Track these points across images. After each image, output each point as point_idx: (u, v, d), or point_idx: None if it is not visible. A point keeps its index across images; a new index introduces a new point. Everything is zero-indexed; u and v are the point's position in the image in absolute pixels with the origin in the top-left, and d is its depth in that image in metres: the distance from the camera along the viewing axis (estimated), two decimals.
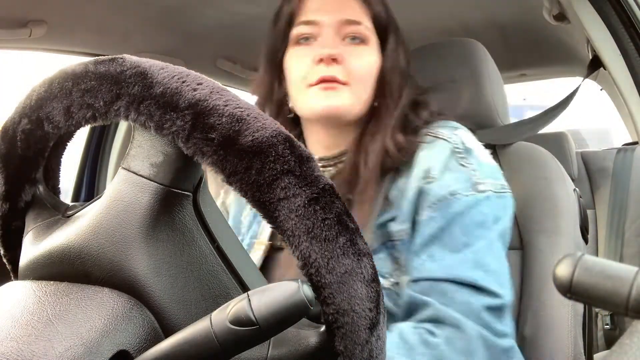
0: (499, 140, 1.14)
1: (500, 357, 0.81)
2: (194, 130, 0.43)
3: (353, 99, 0.91)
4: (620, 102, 1.63)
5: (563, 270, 0.36)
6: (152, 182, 0.46)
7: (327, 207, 0.43)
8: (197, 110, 0.44)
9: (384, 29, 0.94)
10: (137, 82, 0.45)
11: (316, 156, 0.97)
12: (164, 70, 0.46)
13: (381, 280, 0.83)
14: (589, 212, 1.53)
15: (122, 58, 0.47)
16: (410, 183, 0.88)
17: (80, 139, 1.86)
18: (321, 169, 0.91)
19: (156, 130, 0.45)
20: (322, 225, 0.43)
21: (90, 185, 1.87)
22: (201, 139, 0.43)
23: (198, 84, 0.45)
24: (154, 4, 1.39)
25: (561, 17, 1.19)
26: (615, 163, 1.64)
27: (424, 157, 0.89)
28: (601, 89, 1.87)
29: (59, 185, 0.58)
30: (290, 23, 0.95)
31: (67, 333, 0.41)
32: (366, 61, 0.92)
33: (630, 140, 1.85)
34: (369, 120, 0.94)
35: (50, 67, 0.52)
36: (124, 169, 0.47)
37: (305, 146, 0.91)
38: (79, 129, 0.51)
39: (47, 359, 0.39)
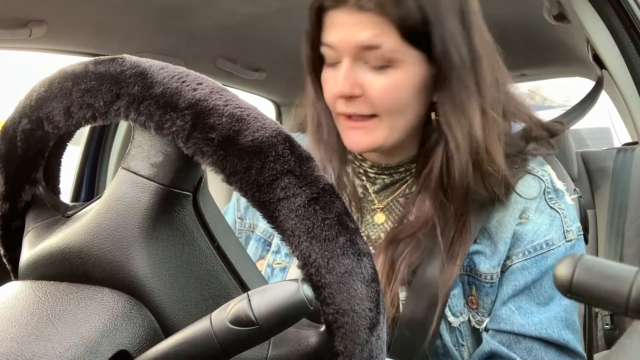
0: None
1: None
2: (194, 130, 0.43)
3: (384, 133, 0.80)
4: (620, 102, 1.62)
5: (563, 270, 0.36)
6: (152, 182, 0.46)
7: (327, 207, 0.43)
8: (197, 110, 0.44)
9: (420, 36, 0.77)
10: (137, 82, 0.45)
11: (368, 162, 0.90)
12: (164, 70, 0.46)
13: (451, 318, 0.80)
14: (589, 212, 1.53)
15: (122, 58, 0.47)
16: (507, 221, 0.81)
17: (80, 139, 1.86)
18: (371, 174, 0.89)
19: (156, 130, 0.45)
20: (322, 225, 0.43)
21: (90, 185, 1.87)
22: (201, 139, 0.43)
23: (198, 84, 0.45)
24: (154, 4, 1.39)
25: (561, 17, 1.19)
26: (615, 163, 1.64)
27: (519, 191, 0.83)
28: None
29: (59, 185, 0.58)
30: (317, 39, 0.83)
31: (67, 333, 0.41)
32: (392, 87, 0.78)
33: (630, 140, 1.85)
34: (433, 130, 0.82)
35: (50, 67, 0.52)
36: (124, 169, 0.47)
37: (359, 154, 0.89)
38: (79, 129, 0.51)
39: (47, 359, 0.39)
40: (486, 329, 0.82)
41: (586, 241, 1.10)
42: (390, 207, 0.88)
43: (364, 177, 0.90)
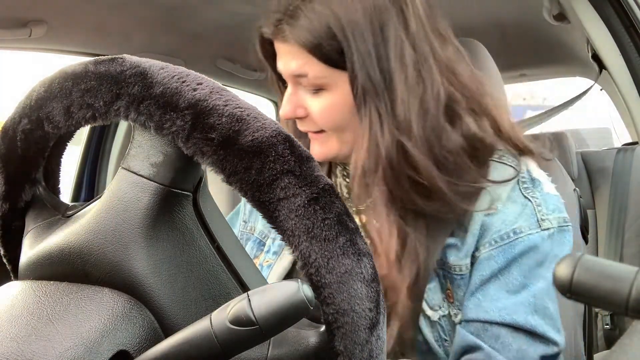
0: None
1: None
2: (194, 130, 0.43)
3: (336, 144, 0.84)
4: (620, 102, 1.63)
5: (563, 270, 0.36)
6: (152, 182, 0.46)
7: (327, 207, 0.43)
8: (197, 110, 0.44)
9: (339, 59, 0.78)
10: (137, 82, 0.45)
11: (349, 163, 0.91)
12: (164, 70, 0.46)
13: (429, 312, 0.80)
14: (589, 212, 1.53)
15: (122, 58, 0.47)
16: (475, 212, 0.81)
17: (80, 139, 1.87)
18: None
19: (156, 130, 0.45)
20: (322, 225, 0.43)
21: (90, 185, 1.87)
22: (201, 139, 0.43)
23: (198, 84, 0.45)
24: (154, 4, 1.39)
25: (561, 17, 1.19)
26: (615, 163, 1.64)
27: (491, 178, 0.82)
28: (601, 89, 1.87)
29: (59, 185, 0.58)
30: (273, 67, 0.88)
31: (67, 333, 0.41)
32: (327, 107, 0.81)
33: (630, 140, 1.85)
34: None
35: (50, 67, 0.52)
36: (124, 169, 0.47)
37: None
38: (79, 129, 0.51)
39: (47, 359, 0.39)
40: (458, 321, 0.82)
41: (586, 241, 1.10)
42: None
43: (348, 179, 0.91)
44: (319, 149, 0.86)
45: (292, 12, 0.79)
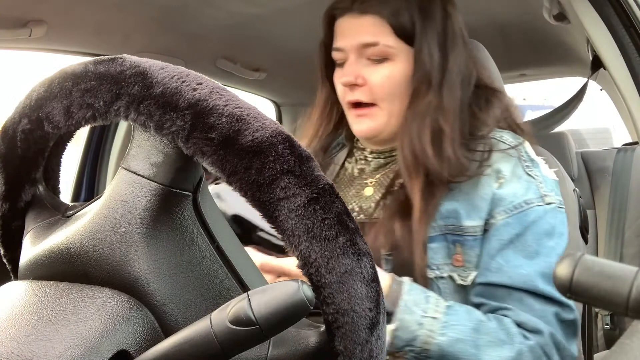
0: None
1: None
2: (194, 130, 0.43)
3: (384, 117, 0.96)
4: (620, 102, 1.62)
5: (563, 270, 0.36)
6: (152, 182, 0.46)
7: (327, 206, 0.43)
8: (197, 110, 0.44)
9: (411, 37, 0.94)
10: (136, 82, 0.45)
11: (368, 149, 1.05)
12: (164, 70, 0.46)
13: (428, 271, 0.90)
14: (589, 212, 1.53)
15: (122, 58, 0.47)
16: (484, 180, 0.91)
17: (80, 139, 1.87)
18: (370, 158, 1.03)
19: (156, 130, 0.45)
20: (322, 225, 0.43)
21: (90, 185, 1.87)
22: (201, 139, 0.43)
23: (198, 84, 0.45)
24: (154, 4, 1.38)
25: (561, 17, 1.19)
26: (615, 163, 1.64)
27: (493, 156, 0.93)
28: (601, 89, 1.87)
29: (59, 185, 0.58)
30: (328, 46, 1.01)
31: (67, 333, 0.41)
32: (387, 77, 0.94)
33: (630, 140, 1.85)
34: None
35: (50, 67, 0.52)
36: (124, 168, 0.47)
37: (359, 143, 1.05)
38: (79, 129, 0.51)
39: (47, 359, 0.39)
40: (474, 284, 0.90)
41: (586, 241, 1.10)
42: (380, 181, 1.02)
43: (363, 162, 1.05)
44: (369, 124, 0.97)
45: None
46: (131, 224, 0.45)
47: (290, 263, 0.80)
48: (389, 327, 0.82)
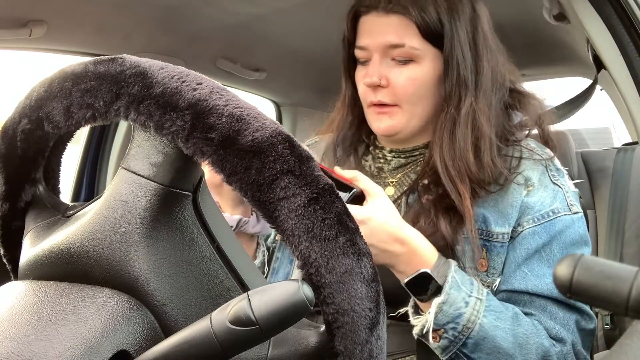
0: None
1: None
2: (194, 130, 0.43)
3: (405, 118, 0.95)
4: (620, 102, 1.62)
5: (563, 270, 0.36)
6: (152, 182, 0.46)
7: (326, 206, 0.43)
8: (196, 110, 0.44)
9: (437, 36, 0.92)
10: (136, 82, 0.45)
11: (387, 148, 1.04)
12: (164, 70, 0.46)
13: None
14: (589, 212, 1.53)
15: (121, 58, 0.47)
16: (513, 188, 0.91)
17: (80, 139, 1.87)
18: (389, 157, 1.02)
19: (156, 130, 0.45)
20: (322, 224, 0.43)
21: (90, 185, 1.87)
22: (201, 139, 0.43)
23: (198, 84, 0.45)
24: (154, 4, 1.38)
25: (561, 17, 1.19)
26: (615, 163, 1.64)
27: (522, 164, 0.94)
28: (601, 89, 1.87)
29: (59, 185, 0.58)
30: (351, 45, 1.00)
31: (67, 333, 0.41)
32: (412, 79, 0.93)
33: (630, 140, 1.85)
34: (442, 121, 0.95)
35: (50, 67, 0.52)
36: (124, 168, 0.47)
37: (378, 142, 1.05)
38: (79, 129, 0.51)
39: (47, 359, 0.39)
40: (498, 291, 0.89)
41: None
42: (401, 181, 1.01)
43: (382, 160, 1.04)
44: (389, 122, 0.96)
45: None
46: (131, 224, 0.45)
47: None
48: (436, 300, 0.82)
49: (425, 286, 0.83)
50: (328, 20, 1.20)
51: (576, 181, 1.02)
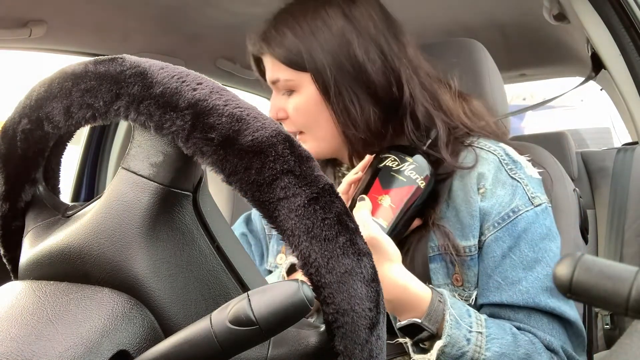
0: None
1: None
2: (194, 130, 0.43)
3: (315, 142, 0.97)
4: (620, 102, 1.62)
5: (563, 270, 0.36)
6: (152, 182, 0.46)
7: (326, 206, 0.43)
8: (196, 110, 0.44)
9: (303, 65, 0.92)
10: (136, 82, 0.45)
11: (345, 166, 1.04)
12: (164, 70, 0.46)
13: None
14: (589, 212, 1.53)
15: (121, 58, 0.47)
16: (469, 194, 0.89)
17: (80, 139, 1.87)
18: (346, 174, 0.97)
19: (156, 130, 0.45)
20: (321, 224, 0.43)
21: (90, 185, 1.87)
22: (201, 139, 0.43)
23: (198, 84, 0.45)
24: (154, 4, 1.38)
25: (561, 17, 1.19)
26: (615, 163, 1.64)
27: (466, 161, 0.91)
28: (601, 89, 1.88)
29: (59, 185, 0.58)
30: None
31: (67, 333, 0.41)
32: (297, 108, 0.95)
33: (630, 140, 1.85)
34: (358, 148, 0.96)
35: (50, 67, 0.52)
36: (124, 168, 0.47)
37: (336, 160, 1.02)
38: (79, 129, 0.51)
39: (47, 359, 0.39)
40: (478, 305, 0.87)
41: (586, 241, 1.10)
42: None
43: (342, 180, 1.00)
44: (308, 147, 0.90)
45: (264, 33, 0.95)
46: (131, 224, 0.45)
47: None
48: (438, 344, 0.79)
49: (418, 333, 0.80)
50: None
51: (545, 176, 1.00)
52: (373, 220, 0.81)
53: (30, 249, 0.50)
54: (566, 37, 1.58)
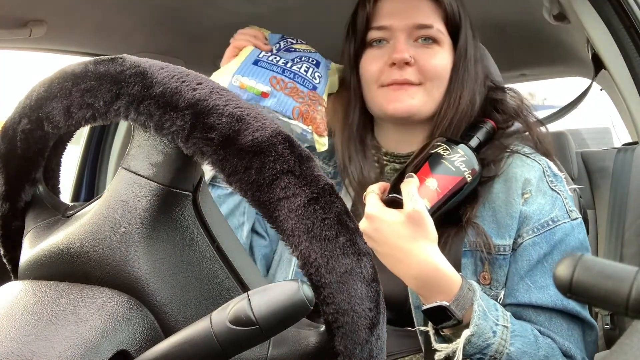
0: None
1: None
2: (194, 130, 0.43)
3: (425, 98, 0.95)
4: (620, 102, 1.62)
5: (563, 270, 0.36)
6: (152, 182, 0.46)
7: (326, 206, 0.43)
8: (196, 110, 0.44)
9: (457, 29, 0.97)
10: (136, 82, 0.45)
11: (383, 149, 1.02)
12: (164, 70, 0.46)
13: None
14: (589, 212, 1.53)
15: (121, 58, 0.47)
16: (512, 197, 0.91)
17: (80, 139, 1.87)
18: (385, 163, 1.00)
19: (156, 130, 0.45)
20: (321, 224, 0.43)
21: (90, 185, 1.87)
22: (201, 139, 0.43)
23: (198, 84, 0.45)
24: (154, 4, 1.38)
25: (561, 17, 1.19)
26: (615, 163, 1.64)
27: (517, 167, 0.93)
28: (601, 89, 1.87)
29: (59, 185, 0.58)
30: (365, 27, 0.99)
31: (67, 333, 0.41)
32: (438, 61, 0.95)
33: (630, 140, 1.85)
34: (440, 121, 0.97)
35: (50, 67, 0.52)
36: (124, 168, 0.47)
37: (377, 142, 1.03)
38: (78, 129, 0.51)
39: (47, 359, 0.39)
40: (503, 304, 0.88)
41: None
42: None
43: (376, 164, 1.02)
44: (409, 101, 0.94)
45: None
46: (131, 224, 0.45)
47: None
48: (465, 332, 0.79)
49: (444, 318, 0.80)
50: (328, 20, 1.20)
51: (574, 186, 1.01)
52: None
53: (30, 249, 0.50)
54: (566, 37, 1.58)
